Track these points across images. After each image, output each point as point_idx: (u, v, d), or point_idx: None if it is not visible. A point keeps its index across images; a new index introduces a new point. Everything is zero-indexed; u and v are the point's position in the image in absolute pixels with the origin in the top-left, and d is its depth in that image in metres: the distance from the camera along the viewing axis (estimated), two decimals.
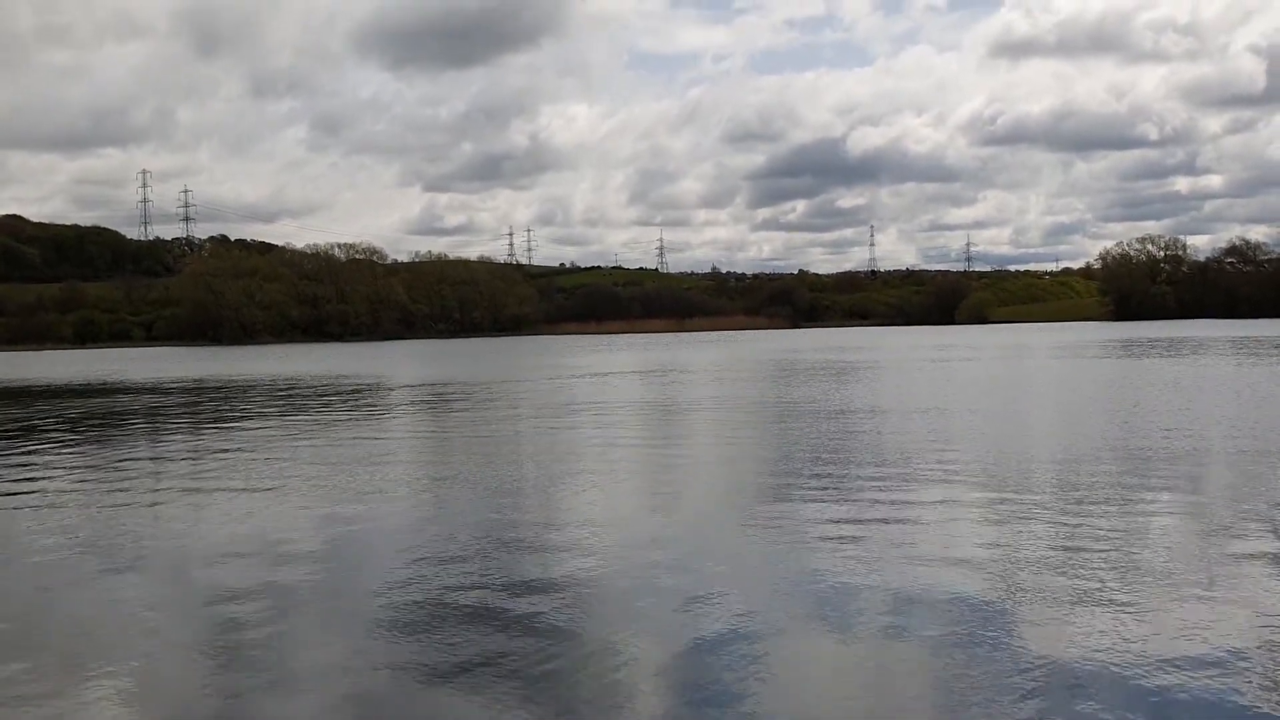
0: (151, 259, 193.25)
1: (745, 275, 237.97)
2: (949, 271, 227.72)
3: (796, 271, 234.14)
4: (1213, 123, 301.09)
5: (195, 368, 59.19)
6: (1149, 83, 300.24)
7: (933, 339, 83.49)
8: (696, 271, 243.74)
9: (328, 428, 20.96)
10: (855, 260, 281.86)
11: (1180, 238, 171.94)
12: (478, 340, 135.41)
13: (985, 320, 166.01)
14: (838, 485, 12.12)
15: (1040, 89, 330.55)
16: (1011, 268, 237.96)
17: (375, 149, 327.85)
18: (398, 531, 10.17)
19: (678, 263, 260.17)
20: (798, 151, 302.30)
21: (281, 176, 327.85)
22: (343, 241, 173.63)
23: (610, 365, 49.51)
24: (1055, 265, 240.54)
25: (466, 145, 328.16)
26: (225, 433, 20.52)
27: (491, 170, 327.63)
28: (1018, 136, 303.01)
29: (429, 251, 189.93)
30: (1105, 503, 10.59)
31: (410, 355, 75.68)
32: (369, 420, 22.98)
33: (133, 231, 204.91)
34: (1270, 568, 7.93)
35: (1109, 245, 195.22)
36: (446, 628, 6.92)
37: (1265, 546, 8.58)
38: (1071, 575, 7.80)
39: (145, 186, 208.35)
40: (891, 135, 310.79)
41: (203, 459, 16.41)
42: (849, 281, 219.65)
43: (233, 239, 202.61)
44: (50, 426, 23.15)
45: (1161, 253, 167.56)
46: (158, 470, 15.44)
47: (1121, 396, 23.42)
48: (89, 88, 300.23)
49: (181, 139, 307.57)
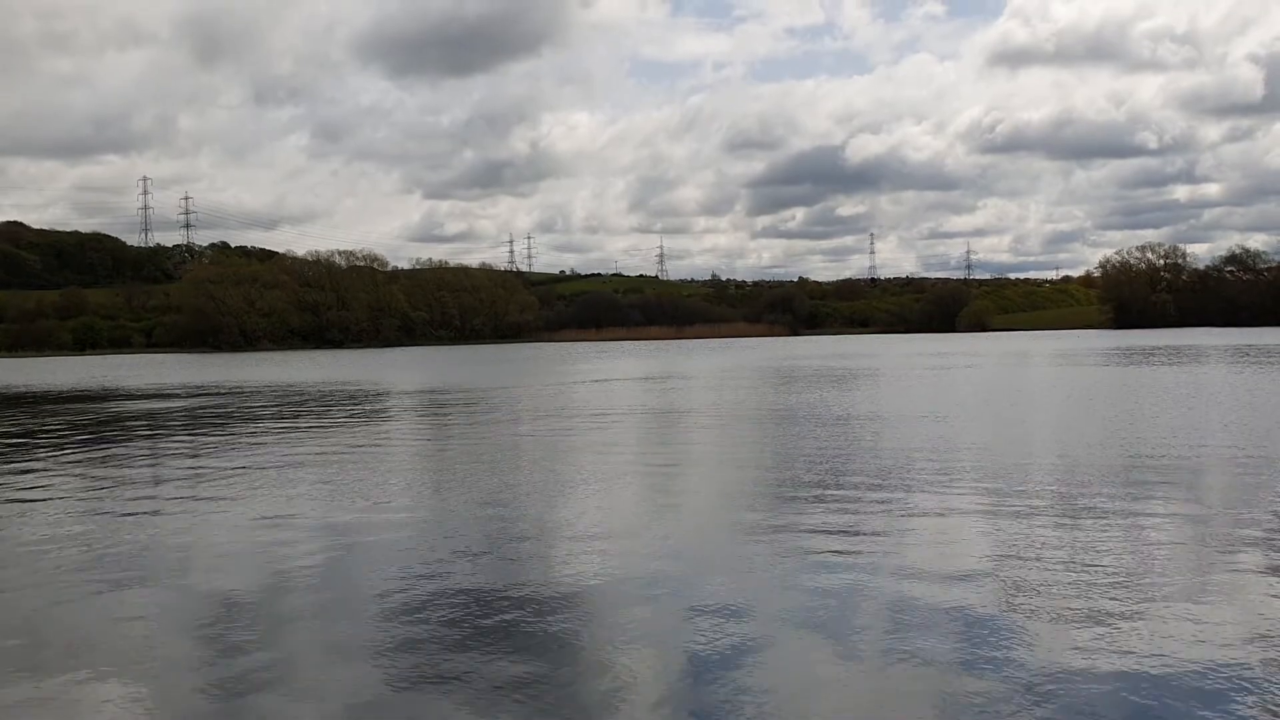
0: (152, 266, 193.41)
1: (745, 282, 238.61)
2: (949, 279, 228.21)
3: (796, 279, 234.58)
4: (1211, 131, 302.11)
5: (195, 374, 59.17)
6: (1147, 91, 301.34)
7: (933, 347, 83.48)
8: (696, 279, 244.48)
9: (327, 435, 20.93)
10: (855, 268, 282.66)
11: (1180, 246, 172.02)
12: (478, 347, 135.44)
13: (985, 328, 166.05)
14: (837, 494, 12.08)
15: (1039, 97, 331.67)
16: (1011, 276, 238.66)
17: (376, 156, 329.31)
18: (397, 538, 10.12)
19: (678, 270, 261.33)
20: (797, 159, 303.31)
21: (282, 184, 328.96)
22: (343, 248, 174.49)
23: (610, 372, 49.48)
24: (1055, 273, 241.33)
25: (467, 153, 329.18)
26: (225, 439, 20.48)
27: (492, 177, 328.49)
28: (1017, 145, 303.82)
29: (429, 258, 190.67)
30: (1106, 514, 10.55)
31: (411, 362, 75.65)
32: (369, 427, 22.95)
33: (133, 238, 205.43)
34: (1271, 578, 7.90)
35: (1109, 253, 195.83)
36: (446, 638, 6.89)
37: (1265, 557, 8.55)
38: (1071, 585, 7.76)
39: (146, 193, 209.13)
40: (891, 143, 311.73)
41: (203, 466, 16.36)
42: (849, 289, 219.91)
43: (233, 246, 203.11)
44: (50, 433, 23.12)
45: (1161, 261, 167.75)
46: (157, 476, 15.39)
47: (1121, 404, 23.39)
48: (91, 95, 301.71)
49: (183, 146, 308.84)
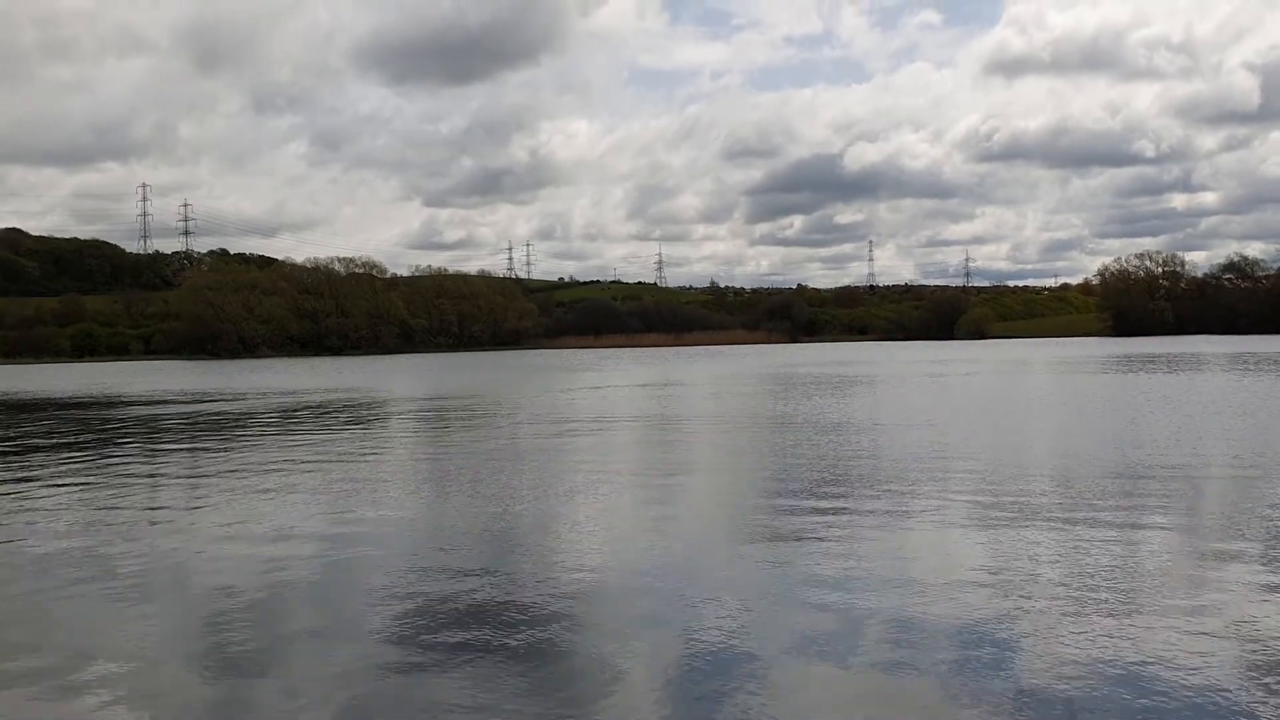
0: (151, 273, 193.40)
1: (744, 290, 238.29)
2: (948, 287, 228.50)
3: (795, 286, 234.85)
4: (1208, 140, 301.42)
5: (194, 381, 59.14)
6: (1143, 100, 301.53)
7: (932, 354, 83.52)
8: (695, 286, 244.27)
9: (326, 442, 20.89)
10: (853, 275, 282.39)
11: (1179, 254, 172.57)
12: (477, 354, 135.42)
13: (984, 335, 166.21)
14: (835, 503, 12.07)
15: (1035, 106, 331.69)
16: (1010, 283, 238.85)
17: (375, 164, 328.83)
18: (395, 547, 10.10)
19: (676, 277, 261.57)
20: (796, 167, 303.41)
21: (281, 191, 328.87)
22: (342, 256, 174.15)
23: (609, 380, 49.48)
24: (1054, 281, 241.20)
25: (466, 160, 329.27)
26: (223, 446, 20.44)
27: (491, 185, 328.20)
28: (1014, 153, 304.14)
29: (429, 266, 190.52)
30: (1105, 524, 10.56)
31: (409, 369, 75.66)
32: (367, 435, 22.90)
33: (132, 245, 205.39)
34: (1266, 587, 7.88)
35: (1107, 261, 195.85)
36: (441, 650, 6.88)
37: (1261, 566, 8.54)
38: (1067, 595, 7.76)
39: (145, 200, 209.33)
40: (889, 151, 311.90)
41: (201, 471, 16.33)
42: (848, 296, 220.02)
43: (232, 253, 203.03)
44: (49, 439, 23.08)
45: (1160, 269, 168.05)
46: (156, 482, 15.36)
47: (1120, 412, 23.38)
48: (90, 102, 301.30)
49: (182, 153, 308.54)
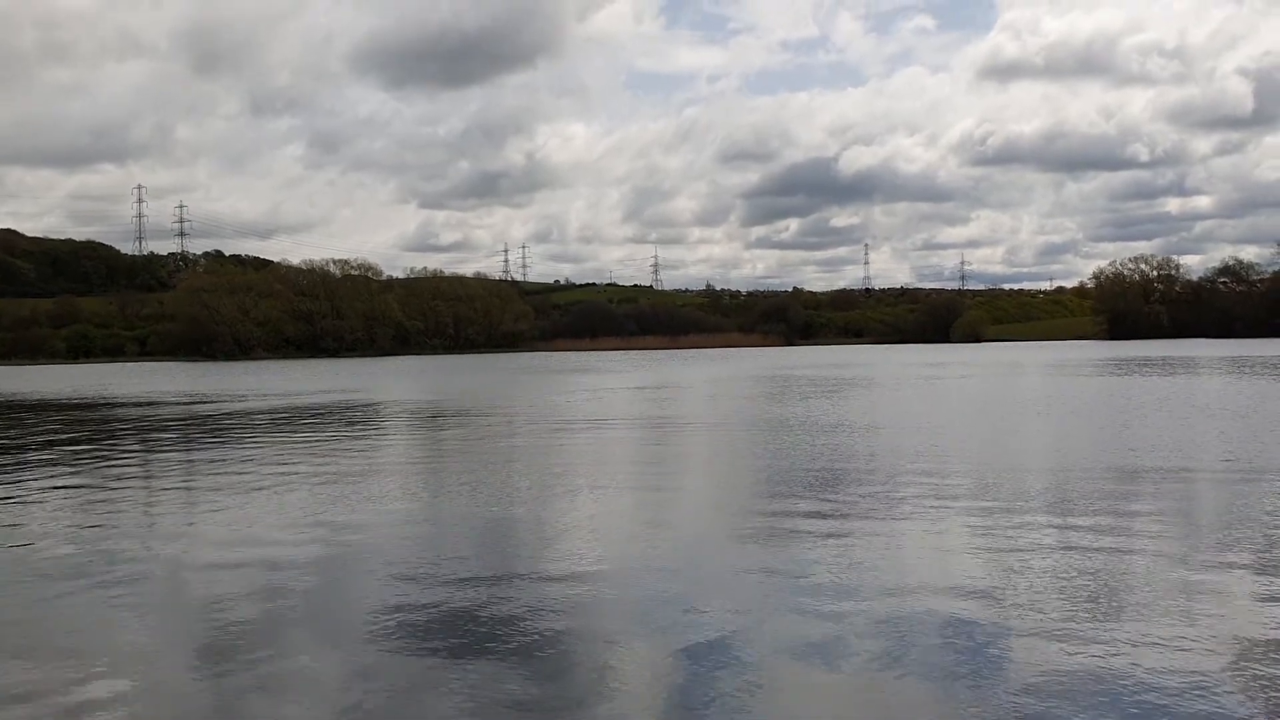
0: (146, 274, 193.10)
1: (740, 293, 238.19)
2: (943, 290, 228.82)
3: (791, 289, 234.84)
4: (1202, 144, 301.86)
5: (189, 384, 59.04)
6: (1137, 105, 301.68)
7: (927, 357, 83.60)
8: (691, 289, 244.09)
9: (322, 445, 20.85)
10: (849, 278, 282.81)
11: (1173, 257, 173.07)
12: (473, 357, 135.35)
13: (980, 338, 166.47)
14: (830, 506, 12.06)
15: (1030, 110, 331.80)
16: (1005, 286, 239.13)
17: (372, 166, 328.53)
18: (392, 548, 10.07)
19: (672, 280, 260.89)
20: (791, 170, 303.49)
21: (278, 193, 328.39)
22: (338, 258, 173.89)
23: (605, 382, 49.45)
24: (1049, 284, 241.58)
25: (463, 163, 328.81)
26: (219, 448, 20.39)
27: (488, 188, 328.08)
28: (1009, 157, 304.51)
29: (425, 268, 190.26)
30: (1100, 530, 10.55)
31: (405, 371, 75.59)
32: (364, 437, 22.87)
33: (128, 247, 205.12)
34: (1261, 591, 7.89)
35: (1102, 264, 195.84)
36: (437, 653, 6.87)
37: (1256, 570, 8.54)
38: (1063, 600, 7.76)
39: (141, 202, 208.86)
40: (884, 155, 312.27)
41: (196, 474, 16.29)
42: (843, 299, 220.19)
43: (228, 255, 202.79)
44: (43, 440, 23.02)
45: (1155, 272, 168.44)
46: (150, 485, 15.32)
47: (1114, 415, 23.40)
48: (89, 105, 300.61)
49: (180, 155, 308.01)
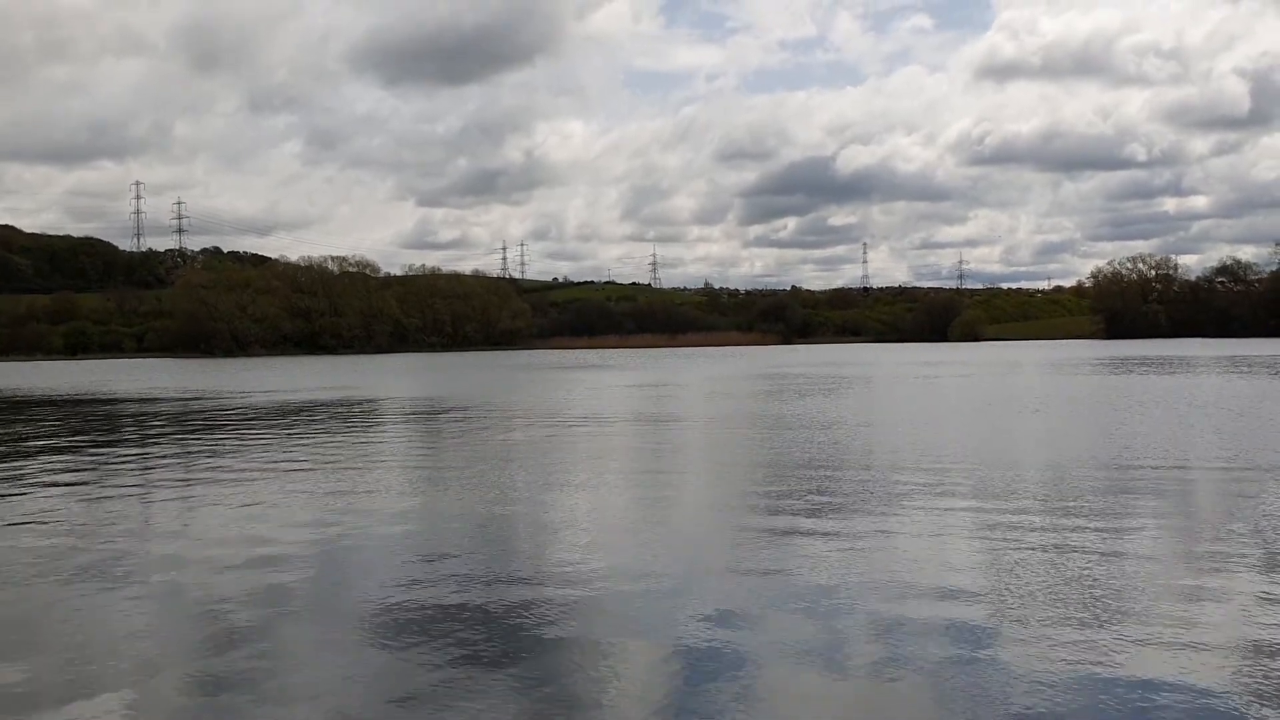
0: (144, 271, 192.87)
1: (738, 291, 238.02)
2: (941, 289, 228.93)
3: (789, 288, 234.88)
4: (1199, 144, 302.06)
5: (187, 380, 58.98)
6: (1134, 105, 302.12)
7: (925, 355, 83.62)
8: (689, 287, 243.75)
9: (320, 441, 20.82)
10: (847, 277, 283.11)
11: (1171, 257, 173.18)
12: (470, 354, 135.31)
13: (978, 337, 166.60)
14: (827, 505, 12.07)
15: (1027, 110, 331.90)
16: (1003, 285, 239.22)
17: (370, 164, 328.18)
18: (390, 547, 10.07)
19: (670, 278, 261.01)
20: (789, 169, 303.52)
21: (276, 190, 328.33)
22: (337, 255, 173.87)
23: (603, 380, 49.44)
24: (1047, 283, 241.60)
25: (461, 161, 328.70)
26: (217, 445, 20.35)
27: (486, 185, 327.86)
28: (1006, 156, 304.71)
29: (423, 265, 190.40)
30: (1098, 530, 10.55)
31: (403, 369, 75.56)
32: (362, 434, 22.85)
33: (126, 244, 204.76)
34: (1260, 590, 7.89)
35: (1099, 264, 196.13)
36: (434, 654, 6.85)
37: (1255, 569, 8.54)
38: (1060, 601, 7.76)
39: (138, 198, 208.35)
40: (882, 154, 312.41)
41: (194, 470, 16.26)
42: (841, 298, 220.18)
43: (226, 251, 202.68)
44: (41, 436, 22.99)
45: (1153, 272, 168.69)
46: (148, 481, 15.28)
47: (1112, 414, 23.41)
48: (87, 101, 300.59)
49: (178, 153, 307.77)
